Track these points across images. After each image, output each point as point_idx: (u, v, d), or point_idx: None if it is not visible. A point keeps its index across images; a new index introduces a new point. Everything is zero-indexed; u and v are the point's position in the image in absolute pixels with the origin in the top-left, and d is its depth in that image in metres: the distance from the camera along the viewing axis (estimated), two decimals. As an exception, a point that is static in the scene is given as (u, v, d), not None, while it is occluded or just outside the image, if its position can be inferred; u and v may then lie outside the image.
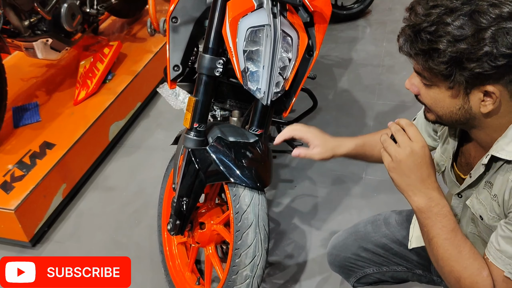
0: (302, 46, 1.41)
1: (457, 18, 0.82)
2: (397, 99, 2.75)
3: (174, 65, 1.59)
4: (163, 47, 2.96)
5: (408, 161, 0.94)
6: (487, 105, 0.88)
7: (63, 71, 2.73)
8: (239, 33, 1.34)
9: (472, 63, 0.82)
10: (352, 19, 3.60)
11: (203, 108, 1.43)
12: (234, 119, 1.86)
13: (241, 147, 1.43)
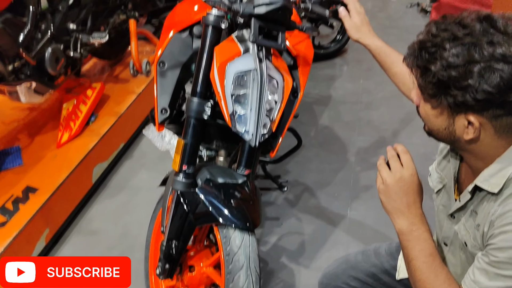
0: (287, 89, 1.46)
1: (455, 46, 0.87)
2: (376, 135, 2.83)
3: (162, 108, 1.62)
4: (146, 88, 2.99)
5: (396, 186, 1.02)
6: (469, 132, 0.93)
7: (46, 114, 2.73)
8: (226, 78, 1.38)
9: (456, 91, 0.88)
10: (329, 58, 3.72)
11: (192, 151, 1.45)
12: (220, 159, 1.88)
13: (230, 188, 1.45)
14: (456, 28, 0.89)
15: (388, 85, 3.33)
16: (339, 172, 2.54)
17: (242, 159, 1.50)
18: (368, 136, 2.82)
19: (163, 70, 1.59)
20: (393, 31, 4.08)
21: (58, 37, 2.35)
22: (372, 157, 2.63)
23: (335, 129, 2.90)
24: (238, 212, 1.41)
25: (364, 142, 2.77)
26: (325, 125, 2.96)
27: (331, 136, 2.85)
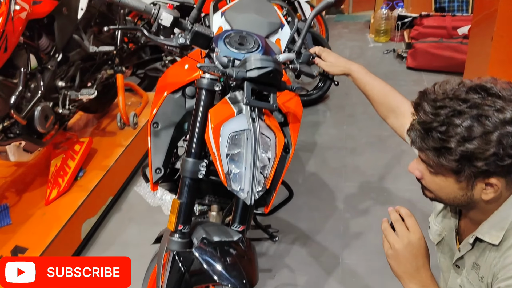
0: (279, 146, 1.48)
1: (465, 120, 0.91)
2: (363, 181, 2.88)
3: (156, 168, 1.64)
4: (133, 140, 3.01)
5: (405, 251, 1.03)
6: (488, 193, 0.97)
7: (33, 170, 2.71)
8: (221, 138, 1.41)
9: (480, 162, 0.91)
10: (312, 104, 3.82)
11: (188, 210, 1.46)
12: (213, 214, 1.89)
13: (225, 246, 1.45)
14: (455, 103, 0.93)
15: (370, 130, 3.45)
16: (329, 220, 2.57)
17: (237, 215, 1.51)
18: (355, 182, 2.87)
19: (157, 130, 1.62)
20: (373, 76, 4.22)
21: (47, 95, 2.38)
22: (360, 204, 2.67)
23: (323, 175, 2.95)
24: (234, 271, 1.41)
25: (351, 188, 2.82)
26: (313, 172, 3.00)
27: (319, 183, 2.89)
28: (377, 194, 2.73)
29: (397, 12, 5.02)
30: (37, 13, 2.26)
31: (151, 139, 1.62)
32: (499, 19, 2.58)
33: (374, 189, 2.78)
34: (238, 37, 1.75)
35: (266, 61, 1.39)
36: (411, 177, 1.11)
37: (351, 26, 6.06)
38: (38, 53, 2.37)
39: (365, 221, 2.53)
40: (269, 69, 1.39)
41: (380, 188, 2.78)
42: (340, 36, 5.63)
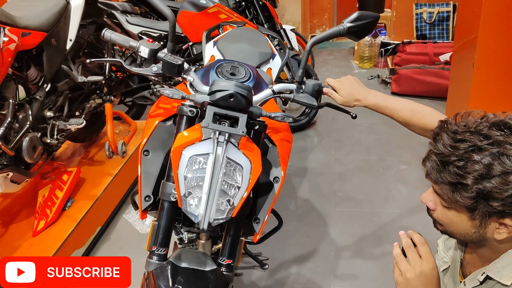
0: (254, 175, 1.43)
1: (485, 157, 0.88)
2: (352, 206, 2.89)
3: (146, 196, 1.64)
4: (121, 169, 2.99)
5: (417, 281, 1.00)
6: (502, 233, 0.94)
7: (20, 201, 2.68)
8: (181, 161, 1.40)
9: (496, 202, 0.88)
10: (300, 130, 3.86)
11: (163, 232, 1.48)
12: (202, 242, 1.88)
13: (190, 274, 1.41)
14: (476, 139, 0.90)
15: (357, 155, 3.49)
16: (320, 246, 2.57)
17: (225, 248, 1.50)
18: (344, 208, 2.89)
19: (147, 158, 1.62)
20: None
21: (35, 126, 2.37)
22: (350, 229, 2.68)
23: (312, 201, 2.96)
24: None
25: (341, 213, 2.83)
26: (302, 197, 3.01)
27: (308, 208, 2.89)
28: (366, 218, 2.74)
29: (380, 39, 5.15)
30: (26, 44, 2.28)
31: (141, 167, 1.62)
32: (479, 46, 2.66)
33: (364, 214, 2.79)
34: (230, 67, 1.78)
35: (228, 84, 1.38)
36: (400, 202, 1.12)
37: (335, 53, 6.18)
38: (26, 84, 2.37)
39: (355, 246, 2.53)
40: (229, 92, 1.37)
41: (369, 212, 2.80)
42: (325, 63, 5.73)
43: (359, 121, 3.99)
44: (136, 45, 1.51)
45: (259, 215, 1.65)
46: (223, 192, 1.41)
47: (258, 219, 1.64)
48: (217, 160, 1.38)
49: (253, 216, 1.67)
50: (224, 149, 1.40)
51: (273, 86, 1.55)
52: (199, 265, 1.45)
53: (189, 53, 3.62)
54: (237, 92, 1.38)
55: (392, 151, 3.46)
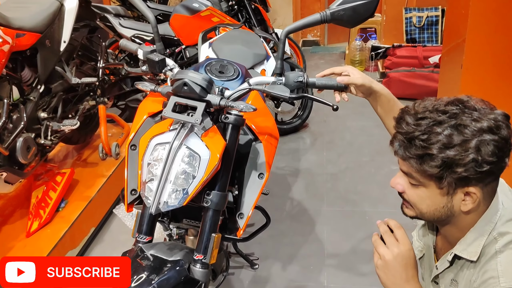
0: (211, 165, 1.43)
1: (445, 129, 0.97)
2: (345, 205, 2.93)
3: (132, 189, 1.65)
4: (115, 170, 3.00)
5: (395, 262, 1.05)
6: (467, 204, 1.01)
7: (13, 202, 2.67)
8: (147, 149, 1.45)
9: (460, 168, 0.96)
10: (292, 132, 3.89)
11: (147, 221, 1.54)
12: (190, 238, 1.89)
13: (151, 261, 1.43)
14: (435, 115, 0.99)
15: (349, 156, 3.52)
16: (312, 244, 2.59)
17: (199, 244, 1.51)
18: (337, 207, 2.92)
19: (135, 152, 1.64)
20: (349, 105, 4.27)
21: (29, 126, 2.38)
22: (342, 228, 2.71)
23: (305, 201, 2.99)
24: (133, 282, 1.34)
25: (333, 213, 2.86)
26: (295, 197, 3.04)
27: (301, 208, 2.92)
28: (359, 218, 2.77)
29: (370, 43, 5.22)
30: (20, 45, 2.29)
31: (127, 161, 1.64)
32: (467, 48, 2.72)
33: (356, 213, 2.82)
34: (219, 65, 1.81)
35: (185, 74, 1.42)
36: (391, 201, 1.15)
37: (327, 57, 6.24)
38: (20, 85, 2.38)
39: (348, 245, 2.56)
40: (183, 81, 1.41)
41: (361, 212, 2.83)
42: (317, 67, 5.78)
43: (350, 123, 4.05)
44: (135, 49, 1.68)
45: (243, 210, 1.67)
46: (178, 179, 1.42)
47: (242, 214, 1.66)
48: (173, 148, 1.41)
49: (237, 211, 1.69)
50: (183, 137, 1.43)
51: (250, 80, 1.56)
52: (166, 255, 1.46)
53: (182, 56, 3.64)
54: (191, 80, 1.41)
55: (383, 152, 3.50)
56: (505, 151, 0.98)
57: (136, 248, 1.51)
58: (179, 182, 1.44)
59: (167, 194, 1.43)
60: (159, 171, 1.43)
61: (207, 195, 1.52)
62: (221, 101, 1.45)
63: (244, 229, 1.69)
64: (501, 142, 0.97)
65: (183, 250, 1.52)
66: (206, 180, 1.43)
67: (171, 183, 1.43)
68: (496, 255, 1.01)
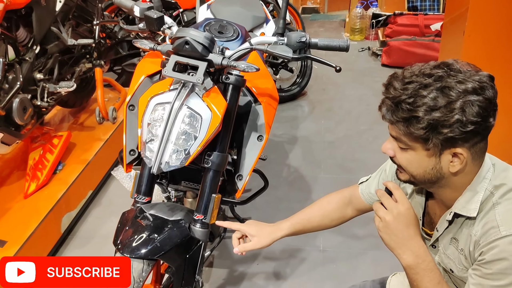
0: (213, 126, 1.42)
1: (431, 91, 0.98)
2: (340, 172, 2.94)
3: (130, 150, 1.65)
4: (112, 134, 2.99)
5: (396, 222, 1.08)
6: (455, 165, 1.03)
7: (10, 164, 2.67)
8: (147, 108, 1.43)
9: (446, 129, 0.98)
10: (291, 100, 3.87)
11: (145, 181, 1.54)
12: (189, 200, 1.90)
13: (152, 221, 1.44)
14: (422, 78, 1.00)
15: (347, 124, 3.52)
16: (309, 210, 2.61)
17: (199, 204, 1.51)
18: (334, 174, 2.93)
19: (133, 112, 1.63)
20: (349, 73, 4.31)
21: (25, 87, 2.35)
22: (339, 194, 2.73)
23: (302, 168, 2.99)
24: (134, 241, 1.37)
25: (330, 180, 2.87)
26: (293, 164, 3.04)
27: (299, 175, 2.93)
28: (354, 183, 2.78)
29: (371, 11, 5.13)
30: (15, 3, 2.23)
31: (126, 121, 1.63)
32: (470, 15, 2.67)
33: (353, 181, 2.80)
34: (218, 25, 1.77)
35: (186, 32, 1.38)
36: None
37: (326, 25, 6.16)
38: (16, 45, 2.34)
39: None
40: (184, 39, 1.37)
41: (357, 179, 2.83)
42: (316, 35, 5.71)
43: (349, 91, 4.03)
44: (131, 5, 1.58)
45: (242, 172, 1.67)
46: (179, 139, 1.41)
47: (241, 175, 1.67)
48: (174, 108, 1.39)
49: (236, 173, 1.69)
50: (184, 98, 1.41)
51: (251, 39, 1.53)
52: (166, 214, 1.47)
53: (179, 20, 3.57)
54: (193, 39, 1.38)
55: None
56: (489, 111, 0.99)
57: (136, 208, 1.52)
58: (180, 143, 1.43)
59: (168, 154, 1.43)
60: (160, 132, 1.42)
61: (207, 156, 1.52)
62: (223, 60, 1.43)
63: (243, 190, 1.70)
64: (485, 102, 0.98)
65: (183, 210, 1.53)
66: (207, 140, 1.43)
67: (172, 143, 1.42)
68: (494, 207, 1.04)
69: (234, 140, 1.71)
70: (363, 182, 1.47)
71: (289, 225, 1.43)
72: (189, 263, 1.51)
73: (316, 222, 1.45)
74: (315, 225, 1.46)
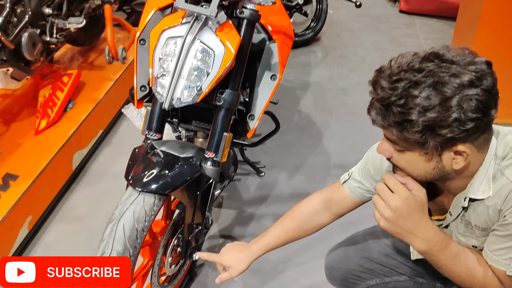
0: (225, 61, 1.39)
1: (423, 90, 0.89)
2: (352, 119, 2.91)
3: (141, 86, 1.64)
4: (122, 74, 2.95)
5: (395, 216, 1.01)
6: (459, 162, 0.96)
7: (20, 101, 2.66)
8: (159, 42, 1.40)
9: (443, 129, 0.89)
10: (304, 45, 3.77)
11: (156, 117, 1.54)
12: (199, 140, 1.90)
13: (163, 157, 1.44)
14: (411, 75, 0.90)
15: (361, 71, 3.45)
16: (319, 156, 2.61)
17: (210, 142, 1.51)
18: (345, 121, 2.90)
19: (144, 47, 1.59)
20: (365, 19, 4.17)
21: (34, 22, 2.30)
22: (349, 141, 2.71)
23: (314, 114, 2.96)
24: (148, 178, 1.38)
25: (341, 127, 2.85)
26: (304, 110, 3.01)
27: (310, 121, 2.90)
28: (366, 132, 2.76)
29: (391, -47, 4.89)
30: None
31: (137, 56, 1.59)
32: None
33: (364, 128, 2.81)
34: None
35: None
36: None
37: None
38: (23, -23, 2.26)
39: (354, 157, 2.53)
40: None
41: (369, 127, 2.79)
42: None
43: (364, 38, 3.92)
44: None
45: (254, 111, 1.65)
46: (191, 75, 1.39)
47: (253, 115, 1.65)
48: (186, 43, 1.36)
49: (248, 113, 1.67)
50: (196, 32, 1.37)
51: None
52: (177, 151, 1.47)
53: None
54: None
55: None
56: (489, 104, 0.90)
57: (146, 144, 1.52)
58: (192, 79, 1.40)
59: (180, 90, 1.41)
60: (172, 67, 1.39)
61: (219, 93, 1.49)
62: None
63: (254, 131, 1.68)
64: (485, 94, 0.89)
65: (194, 148, 1.52)
66: (220, 77, 1.40)
67: (184, 79, 1.40)
68: (503, 173, 0.99)
69: (246, 80, 1.68)
70: (346, 181, 1.34)
71: (260, 248, 1.37)
72: (199, 200, 1.52)
73: (289, 236, 1.38)
74: (289, 239, 1.39)
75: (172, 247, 1.60)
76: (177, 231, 1.61)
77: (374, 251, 1.42)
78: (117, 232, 1.35)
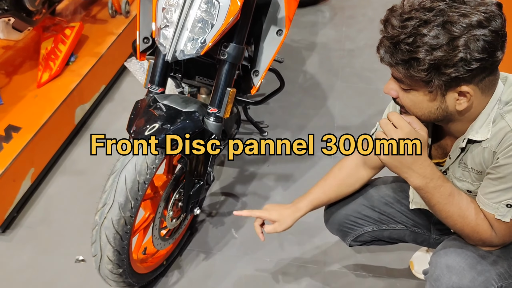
0: (230, 14, 1.35)
1: (432, 29, 0.90)
2: (359, 82, 2.86)
3: (144, 37, 1.60)
4: (125, 29, 2.90)
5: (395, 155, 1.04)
6: (462, 103, 0.98)
7: (22, 53, 2.62)
8: None
9: (449, 69, 0.91)
10: (311, 4, 3.67)
11: (159, 71, 1.51)
12: (202, 96, 1.87)
13: (165, 110, 1.43)
14: (421, 14, 0.91)
15: (369, 33, 3.37)
16: (323, 117, 2.58)
17: (213, 98, 1.49)
18: (351, 83, 2.86)
19: None
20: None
21: (35, -30, 2.23)
22: (354, 103, 2.68)
23: (319, 75, 2.92)
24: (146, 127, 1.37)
25: (347, 88, 2.81)
26: (309, 71, 2.96)
27: (315, 82, 2.86)
28: (372, 95, 2.73)
29: None
30: None
31: (140, 7, 1.55)
32: None
33: (370, 90, 2.77)
34: None
35: None
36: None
37: None
38: None
39: (358, 119, 2.55)
40: None
41: (375, 89, 2.78)
42: None
43: (374, -2, 3.81)
44: None
45: (258, 67, 1.62)
46: (195, 27, 1.36)
47: (258, 71, 1.62)
48: None
49: (252, 69, 1.64)
50: None
51: None
52: (180, 106, 1.45)
53: None
54: None
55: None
56: (496, 45, 0.91)
57: (149, 98, 1.50)
58: (196, 31, 1.37)
59: (184, 42, 1.38)
60: (175, 18, 1.36)
61: (224, 47, 1.46)
62: None
63: (259, 87, 1.65)
64: (492, 35, 0.90)
65: (197, 103, 1.50)
66: (225, 29, 1.36)
67: (188, 30, 1.37)
68: (503, 117, 1.01)
69: (251, 35, 1.64)
70: (374, 133, 1.38)
71: (307, 204, 1.39)
72: (202, 155, 1.52)
73: (333, 192, 1.41)
74: (333, 195, 1.42)
75: (174, 201, 1.61)
76: (179, 185, 1.61)
77: (374, 199, 1.45)
78: (119, 184, 1.35)
